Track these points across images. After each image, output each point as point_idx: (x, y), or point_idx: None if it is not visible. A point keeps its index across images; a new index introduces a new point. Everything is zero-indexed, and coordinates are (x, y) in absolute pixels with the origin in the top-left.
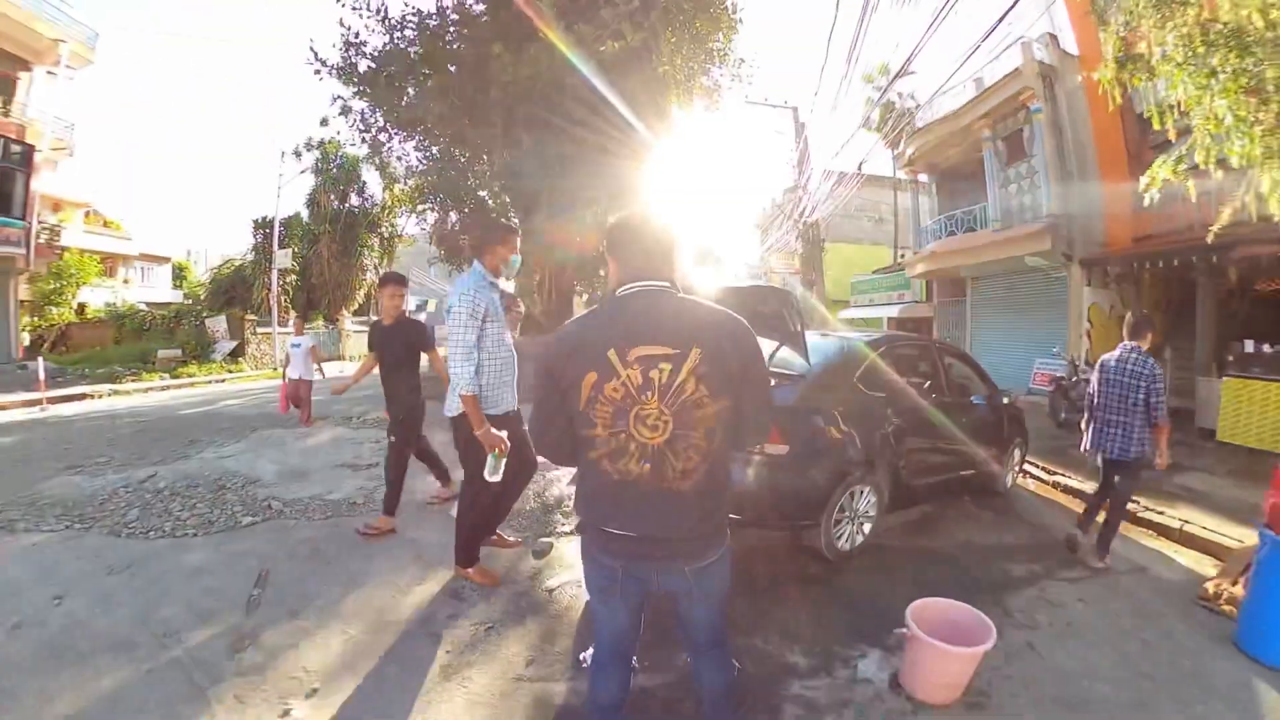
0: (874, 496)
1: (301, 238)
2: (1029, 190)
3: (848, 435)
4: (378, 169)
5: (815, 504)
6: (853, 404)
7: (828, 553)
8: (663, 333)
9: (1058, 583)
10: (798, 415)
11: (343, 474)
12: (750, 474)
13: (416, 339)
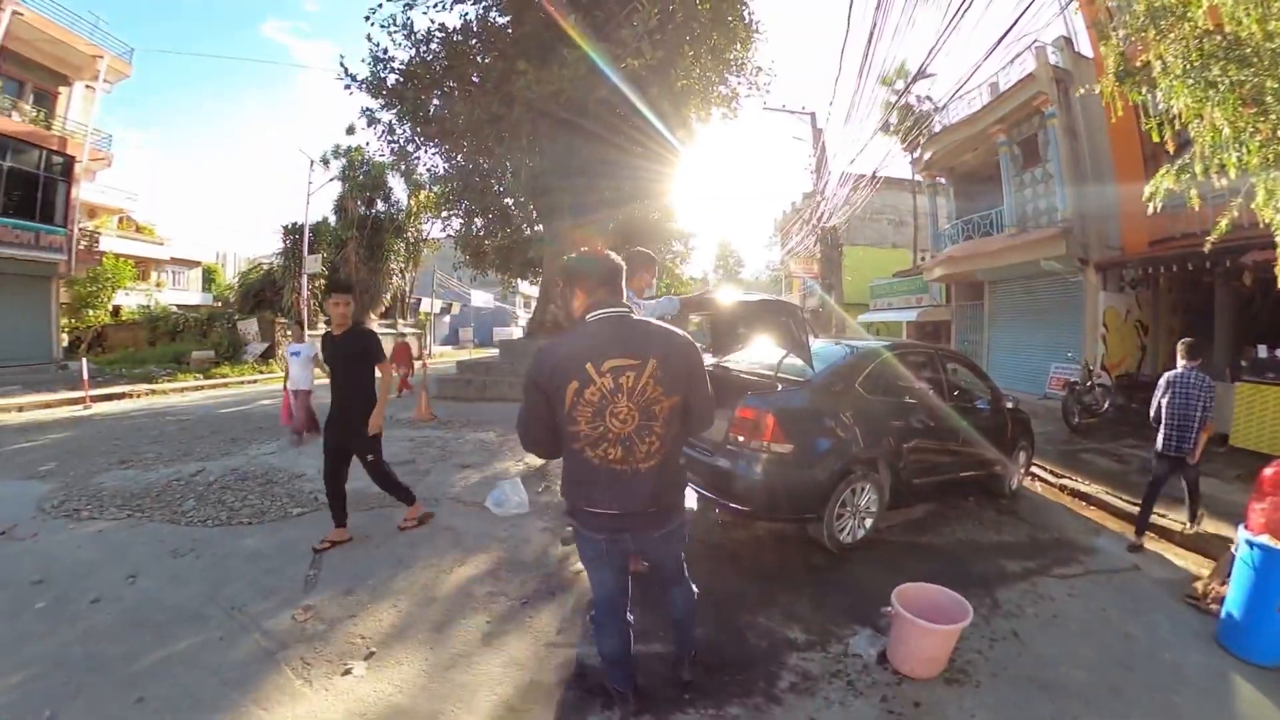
0: (875, 494)
1: (329, 242)
2: (1044, 194)
3: (850, 435)
4: (403, 176)
5: (818, 499)
6: (855, 407)
7: (830, 544)
8: (627, 347)
9: (1050, 578)
10: (803, 417)
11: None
12: (758, 470)
13: (366, 349)
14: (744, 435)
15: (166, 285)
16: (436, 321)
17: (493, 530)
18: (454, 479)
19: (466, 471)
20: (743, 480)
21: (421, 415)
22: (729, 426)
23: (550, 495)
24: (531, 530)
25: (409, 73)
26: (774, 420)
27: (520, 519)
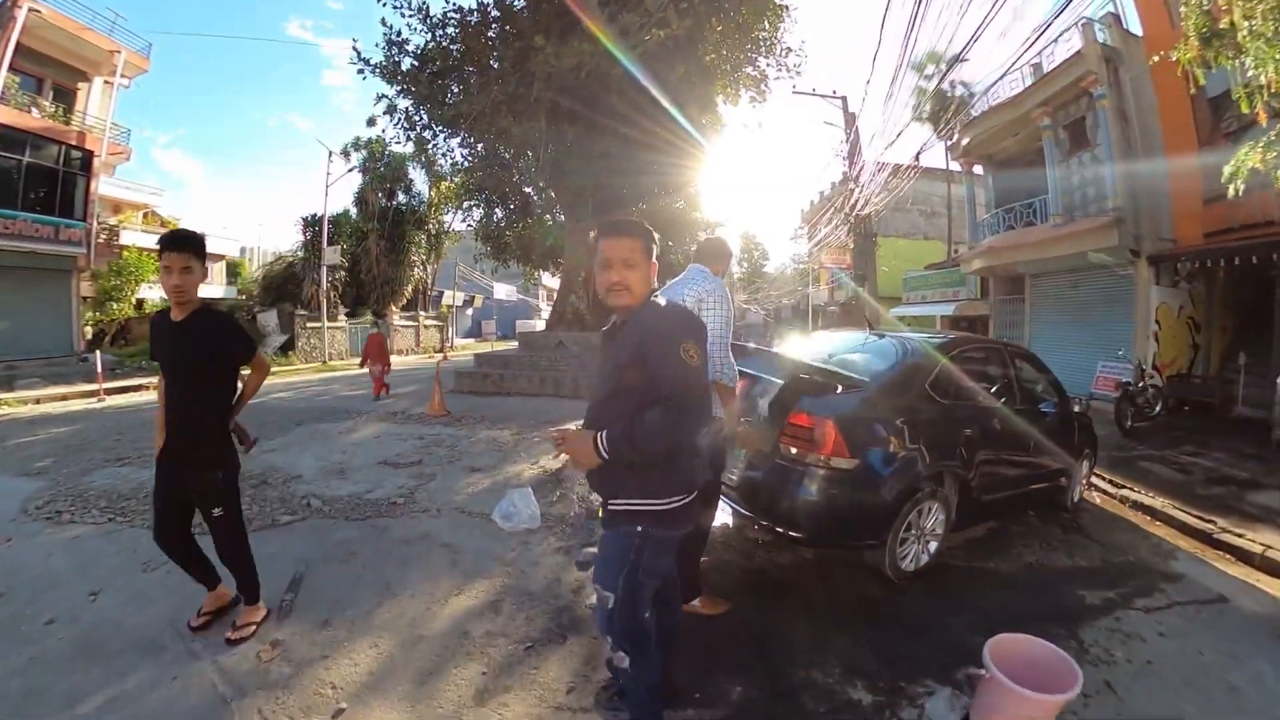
0: (942, 514)
1: (350, 235)
2: (1093, 181)
3: (919, 447)
4: (424, 167)
5: (882, 522)
6: (923, 412)
7: (891, 574)
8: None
9: (1134, 612)
10: (868, 425)
11: (384, 472)
12: (814, 489)
13: (222, 348)
14: (798, 447)
15: None
16: (459, 314)
17: (498, 549)
18: (460, 484)
19: (475, 476)
20: (794, 500)
21: (435, 411)
22: (778, 434)
23: (565, 505)
24: (542, 550)
25: (425, 57)
26: (836, 430)
27: (530, 535)
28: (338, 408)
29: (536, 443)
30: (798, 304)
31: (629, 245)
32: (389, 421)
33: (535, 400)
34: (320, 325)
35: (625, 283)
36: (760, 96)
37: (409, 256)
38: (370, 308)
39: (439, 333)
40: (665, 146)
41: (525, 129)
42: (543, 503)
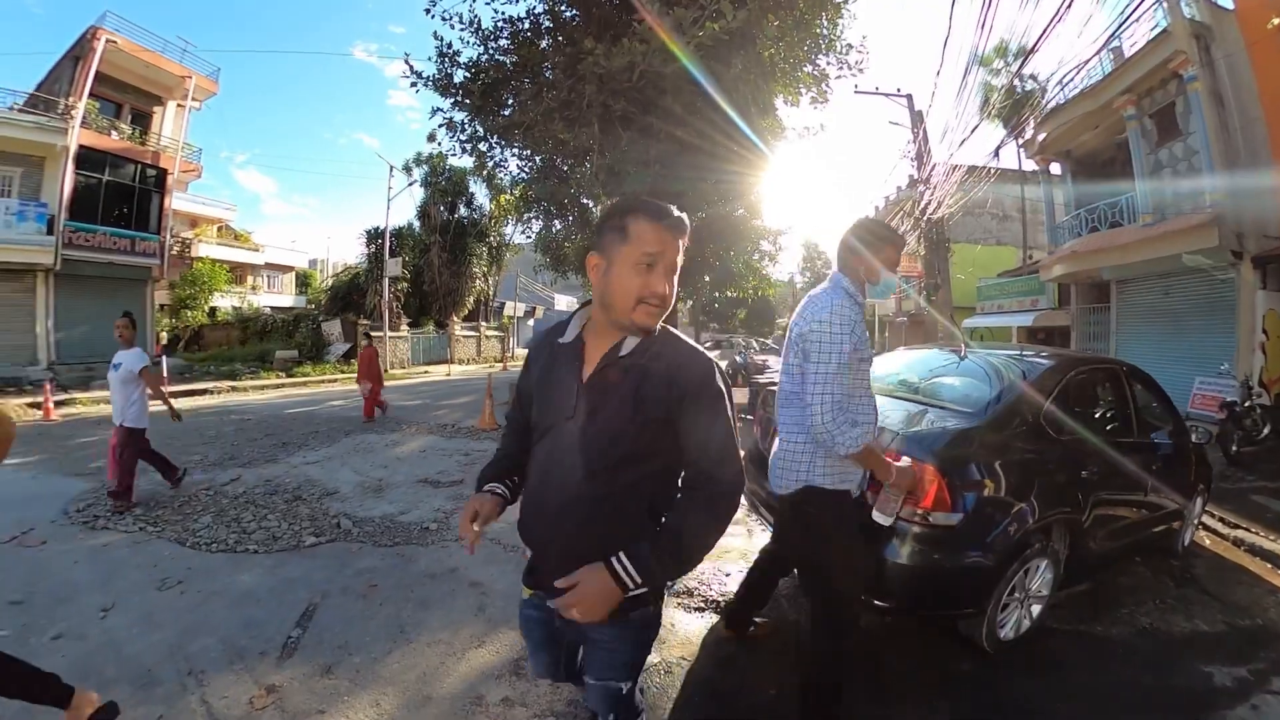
0: (1050, 572)
1: (413, 247)
2: (1186, 175)
3: (1032, 494)
4: (485, 180)
5: (985, 587)
6: (1037, 451)
7: (988, 645)
8: None
9: (1272, 698)
10: (971, 470)
11: (422, 492)
12: (906, 551)
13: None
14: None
15: (262, 289)
16: (520, 325)
17: None
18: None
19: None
20: (883, 564)
21: (485, 424)
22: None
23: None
24: None
25: (477, 69)
26: (938, 476)
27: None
28: (389, 418)
29: None
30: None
31: (680, 247)
32: (438, 435)
33: None
34: (382, 334)
35: (669, 299)
36: (821, 97)
37: (470, 268)
38: (433, 317)
39: (500, 343)
40: (723, 151)
41: (578, 135)
42: None
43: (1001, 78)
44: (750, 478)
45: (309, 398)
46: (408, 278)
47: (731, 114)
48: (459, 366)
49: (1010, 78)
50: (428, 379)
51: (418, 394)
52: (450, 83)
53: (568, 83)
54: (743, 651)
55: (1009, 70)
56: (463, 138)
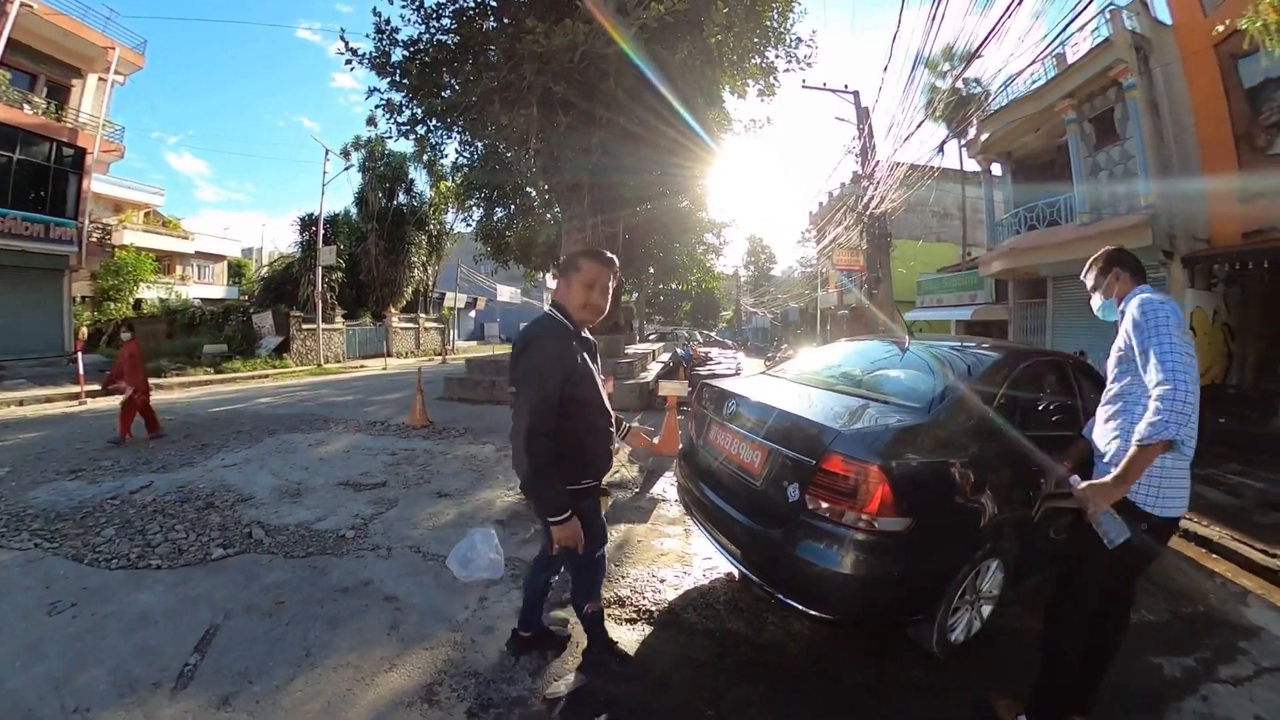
0: (1001, 571)
1: (349, 235)
2: (1122, 178)
3: (985, 494)
4: (425, 166)
5: (934, 593)
6: (989, 449)
7: (938, 650)
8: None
9: (1221, 687)
10: (920, 472)
11: (342, 496)
12: (851, 561)
13: None
14: (831, 502)
15: (192, 279)
16: (461, 316)
17: (449, 607)
18: (422, 514)
19: (441, 504)
20: (826, 574)
21: (416, 421)
22: (801, 486)
23: (536, 550)
24: (501, 610)
25: (417, 48)
26: (885, 480)
27: (490, 588)
28: (318, 415)
29: None
30: (805, 308)
31: (613, 276)
32: (365, 433)
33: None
34: (316, 327)
35: (603, 308)
36: (768, 90)
37: (409, 257)
38: (370, 309)
39: (440, 335)
40: (667, 142)
41: (516, 117)
42: (512, 542)
43: (946, 80)
44: (684, 475)
45: (237, 395)
46: (343, 267)
47: (676, 103)
48: (396, 360)
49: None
50: (363, 373)
51: (350, 389)
52: (388, 62)
53: (508, 65)
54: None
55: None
56: (401, 120)
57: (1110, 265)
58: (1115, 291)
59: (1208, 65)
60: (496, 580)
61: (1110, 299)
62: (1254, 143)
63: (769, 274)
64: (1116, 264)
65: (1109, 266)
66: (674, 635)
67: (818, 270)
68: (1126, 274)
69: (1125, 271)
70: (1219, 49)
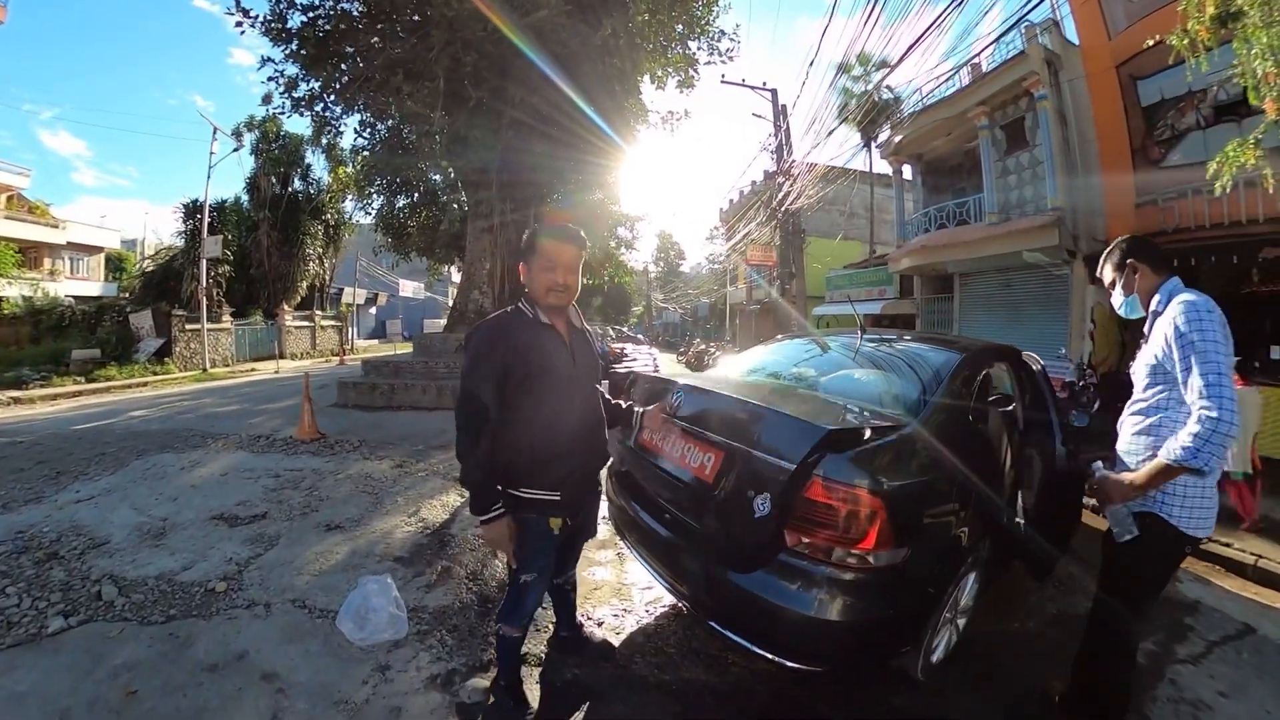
0: (978, 582)
1: (238, 224)
2: (1030, 182)
3: (971, 505)
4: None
5: (924, 619)
6: (969, 454)
7: (922, 675)
8: None
9: (1182, 668)
10: (915, 494)
11: (214, 534)
12: (842, 606)
13: None
14: (816, 538)
15: (63, 274)
16: (361, 313)
17: (343, 683)
18: (308, 554)
19: (330, 540)
20: (811, 623)
21: (304, 433)
22: (779, 522)
23: (447, 590)
24: (408, 683)
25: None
26: (884, 510)
27: (392, 652)
28: (196, 430)
29: (422, 478)
30: (715, 303)
31: (578, 254)
32: (248, 450)
33: (430, 416)
34: (200, 326)
35: (572, 287)
36: (688, 82)
37: (304, 249)
38: (261, 306)
39: (338, 334)
40: (582, 130)
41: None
42: (415, 586)
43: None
44: (614, 491)
45: (108, 408)
46: (231, 259)
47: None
48: (291, 362)
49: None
50: (253, 377)
51: (237, 397)
52: (284, 28)
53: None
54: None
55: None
56: (296, 95)
57: (1126, 257)
58: (1139, 287)
59: (1110, 83)
60: (400, 642)
61: (1133, 296)
62: (1148, 155)
63: (678, 270)
64: (1134, 255)
65: (1124, 259)
66: (621, 694)
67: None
68: (1147, 267)
69: (1145, 264)
70: (1120, 69)
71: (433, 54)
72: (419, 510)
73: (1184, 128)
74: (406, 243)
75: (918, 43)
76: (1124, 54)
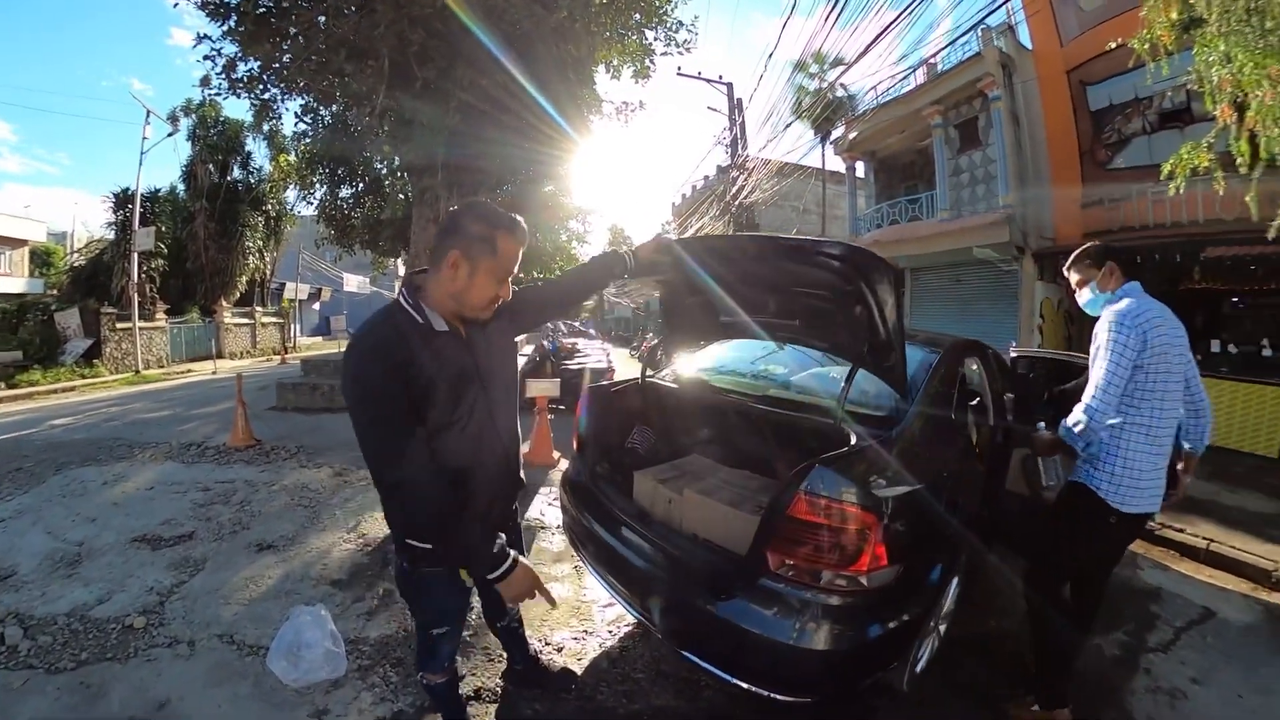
0: (959, 585)
1: (173, 215)
2: (982, 180)
3: (955, 512)
4: (265, 137)
5: (913, 634)
6: (955, 456)
7: (907, 686)
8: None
9: (1155, 657)
10: (907, 507)
11: (135, 559)
12: (829, 632)
13: None
14: (803, 561)
15: None
16: (304, 309)
17: None
18: (237, 579)
19: (262, 561)
20: (798, 653)
21: (238, 440)
22: (762, 543)
23: (389, 618)
24: None
25: None
26: (879, 527)
27: (330, 693)
28: (123, 439)
29: (362, 487)
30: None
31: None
32: (178, 460)
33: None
34: (132, 326)
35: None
36: (644, 72)
37: (244, 242)
38: (198, 303)
39: (279, 331)
40: (534, 118)
41: (364, 69)
42: (355, 612)
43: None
44: (571, 504)
45: (29, 416)
46: (165, 253)
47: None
48: (230, 361)
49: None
50: (189, 379)
51: (169, 401)
52: (222, 3)
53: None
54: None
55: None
56: (235, 76)
57: (1105, 259)
58: (1110, 286)
59: (1061, 88)
60: (339, 681)
61: (1104, 294)
62: (1096, 158)
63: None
64: (1111, 258)
65: (1102, 260)
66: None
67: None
68: (1119, 269)
69: (1119, 267)
70: (1071, 75)
71: (378, 31)
72: (359, 524)
73: (1130, 133)
74: (350, 235)
75: (876, 41)
76: (1075, 60)
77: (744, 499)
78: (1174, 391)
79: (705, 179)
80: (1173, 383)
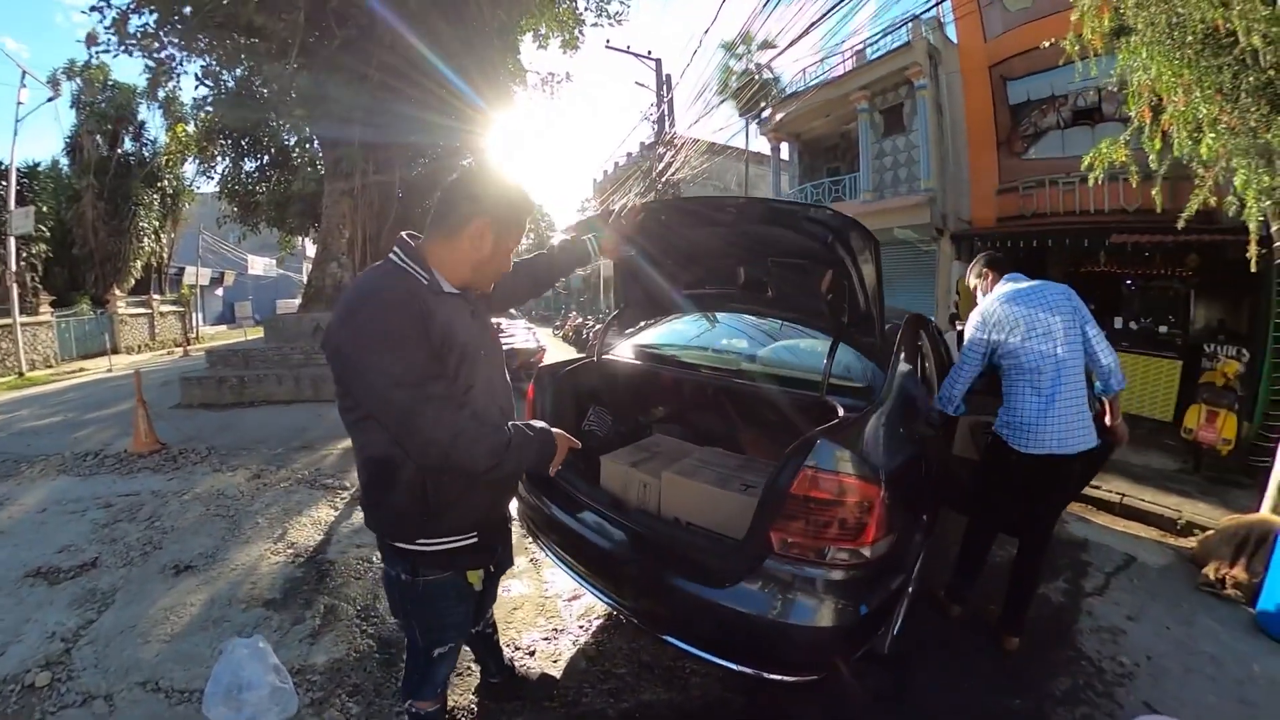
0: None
1: (56, 194)
2: (905, 164)
3: (929, 478)
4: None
5: (898, 599)
6: (922, 423)
7: (887, 649)
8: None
9: (1093, 601)
10: (899, 471)
11: (30, 598)
12: (833, 608)
13: None
14: (809, 539)
15: None
16: (206, 295)
17: None
18: (155, 613)
19: (181, 586)
20: (801, 631)
21: (141, 445)
22: (764, 523)
23: (338, 639)
24: None
25: None
26: (881, 498)
27: None
28: (6, 453)
29: (285, 489)
30: (588, 275)
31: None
32: (71, 474)
33: (289, 410)
34: (11, 320)
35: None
36: (572, 43)
37: (138, 222)
38: (88, 292)
39: (180, 320)
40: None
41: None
42: (297, 636)
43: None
44: (528, 492)
45: None
46: (47, 236)
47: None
48: (127, 356)
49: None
50: (82, 378)
51: (60, 405)
52: None
53: None
54: None
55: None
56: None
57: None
58: (987, 289)
59: (982, 81)
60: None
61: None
62: (1012, 148)
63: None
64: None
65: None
66: None
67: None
68: (993, 274)
69: (992, 272)
70: (993, 70)
71: None
72: (286, 532)
73: (1045, 127)
74: (255, 212)
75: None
76: (997, 56)
77: (727, 479)
78: (1046, 351)
79: (628, 155)
80: (1042, 343)
